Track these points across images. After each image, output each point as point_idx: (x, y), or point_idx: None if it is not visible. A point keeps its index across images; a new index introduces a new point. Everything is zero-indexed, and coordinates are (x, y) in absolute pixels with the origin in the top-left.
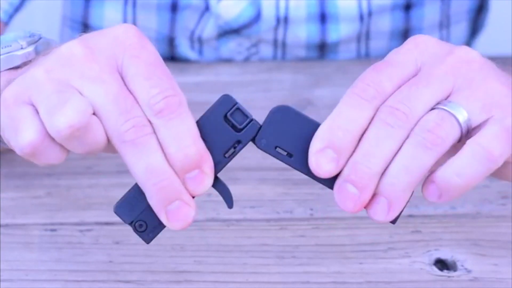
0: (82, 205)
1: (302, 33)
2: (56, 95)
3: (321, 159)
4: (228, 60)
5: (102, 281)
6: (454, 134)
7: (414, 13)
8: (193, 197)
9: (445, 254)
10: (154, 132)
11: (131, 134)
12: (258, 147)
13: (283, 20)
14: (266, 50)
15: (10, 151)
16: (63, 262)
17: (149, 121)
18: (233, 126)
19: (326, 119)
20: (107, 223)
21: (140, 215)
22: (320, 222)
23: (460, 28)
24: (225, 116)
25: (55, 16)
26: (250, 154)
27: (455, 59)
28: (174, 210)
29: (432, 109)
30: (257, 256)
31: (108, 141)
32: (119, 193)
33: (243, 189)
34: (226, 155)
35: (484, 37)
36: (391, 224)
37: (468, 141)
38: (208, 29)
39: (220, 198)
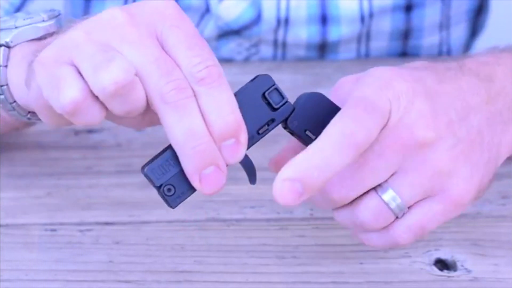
0: (82, 205)
1: (302, 34)
2: (100, 54)
3: (286, 188)
4: (228, 60)
5: (102, 281)
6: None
7: (415, 14)
8: None
9: (445, 254)
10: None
11: (173, 96)
12: (289, 127)
13: (283, 21)
14: (266, 51)
15: (29, 125)
16: (63, 262)
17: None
18: (268, 104)
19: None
20: (107, 223)
21: (170, 180)
22: (320, 222)
23: (460, 29)
24: (263, 94)
25: None
26: (250, 154)
27: (403, 140)
28: (208, 174)
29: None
30: (257, 256)
31: (147, 104)
32: (119, 193)
33: (243, 189)
34: (260, 131)
35: (484, 37)
36: None
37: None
38: (208, 30)
39: (221, 199)
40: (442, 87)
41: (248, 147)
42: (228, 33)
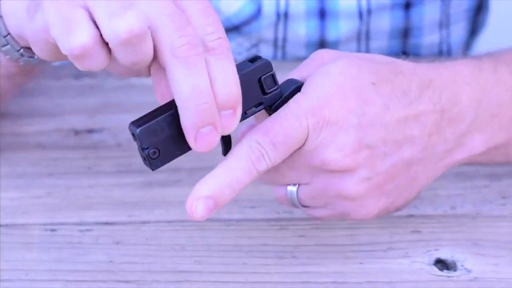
0: (82, 205)
1: (301, 30)
2: (116, 2)
3: (200, 205)
4: None
5: (102, 281)
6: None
7: (414, 12)
8: None
9: (445, 254)
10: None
11: (184, 51)
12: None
13: (283, 16)
14: (266, 51)
15: (24, 73)
16: (63, 262)
17: None
18: (261, 88)
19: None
20: (107, 223)
21: (157, 143)
22: (320, 222)
23: (460, 27)
24: (259, 78)
25: None
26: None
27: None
28: (205, 133)
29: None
30: (257, 256)
31: (154, 58)
32: (119, 193)
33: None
34: (247, 112)
35: (484, 37)
36: (391, 224)
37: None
38: None
39: None
40: (384, 117)
41: None
42: (228, 29)
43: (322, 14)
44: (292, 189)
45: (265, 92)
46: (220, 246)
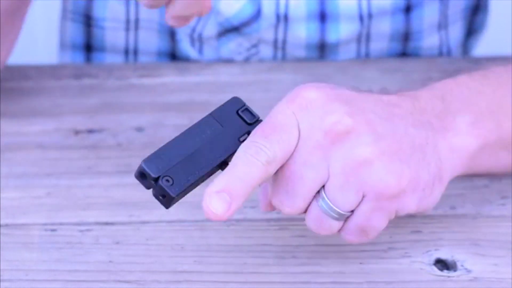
0: (82, 205)
1: (301, 32)
2: None
3: (214, 199)
4: (228, 61)
5: (102, 281)
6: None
7: (414, 15)
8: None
9: (445, 254)
10: None
11: None
12: None
13: (283, 18)
14: (266, 51)
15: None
16: (63, 262)
17: None
18: (243, 120)
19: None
20: (107, 223)
21: (167, 171)
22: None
23: (457, 27)
24: (237, 112)
25: (54, 11)
26: None
27: (330, 138)
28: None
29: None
30: (257, 256)
31: None
32: (119, 193)
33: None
34: (241, 139)
35: (484, 37)
36: (391, 224)
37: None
38: (209, 28)
39: None
40: (360, 98)
41: (231, 153)
42: (228, 30)
43: (323, 16)
44: (321, 197)
45: (248, 123)
46: (220, 246)
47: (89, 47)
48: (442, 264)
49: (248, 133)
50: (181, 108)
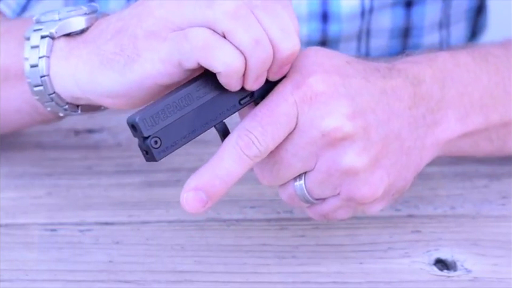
0: (82, 205)
1: (303, 31)
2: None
3: (190, 198)
4: None
5: (102, 281)
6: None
7: (415, 11)
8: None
9: (445, 254)
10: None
11: None
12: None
13: None
14: None
15: (53, 120)
16: (63, 262)
17: None
18: None
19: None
20: (107, 223)
21: (158, 132)
22: (320, 222)
23: (459, 28)
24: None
25: None
26: None
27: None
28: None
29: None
30: (257, 256)
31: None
32: (119, 193)
33: (243, 189)
34: (242, 102)
35: (485, 37)
36: (391, 224)
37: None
38: None
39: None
40: (366, 89)
41: (231, 113)
42: None
43: (325, 16)
44: (299, 182)
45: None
46: (220, 246)
47: None
48: (442, 264)
49: (251, 95)
50: None
